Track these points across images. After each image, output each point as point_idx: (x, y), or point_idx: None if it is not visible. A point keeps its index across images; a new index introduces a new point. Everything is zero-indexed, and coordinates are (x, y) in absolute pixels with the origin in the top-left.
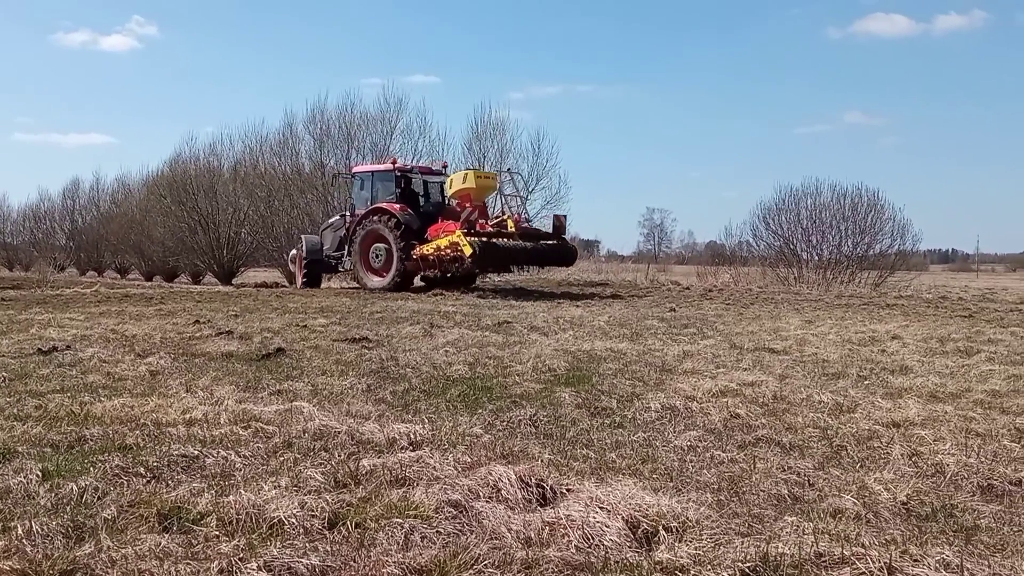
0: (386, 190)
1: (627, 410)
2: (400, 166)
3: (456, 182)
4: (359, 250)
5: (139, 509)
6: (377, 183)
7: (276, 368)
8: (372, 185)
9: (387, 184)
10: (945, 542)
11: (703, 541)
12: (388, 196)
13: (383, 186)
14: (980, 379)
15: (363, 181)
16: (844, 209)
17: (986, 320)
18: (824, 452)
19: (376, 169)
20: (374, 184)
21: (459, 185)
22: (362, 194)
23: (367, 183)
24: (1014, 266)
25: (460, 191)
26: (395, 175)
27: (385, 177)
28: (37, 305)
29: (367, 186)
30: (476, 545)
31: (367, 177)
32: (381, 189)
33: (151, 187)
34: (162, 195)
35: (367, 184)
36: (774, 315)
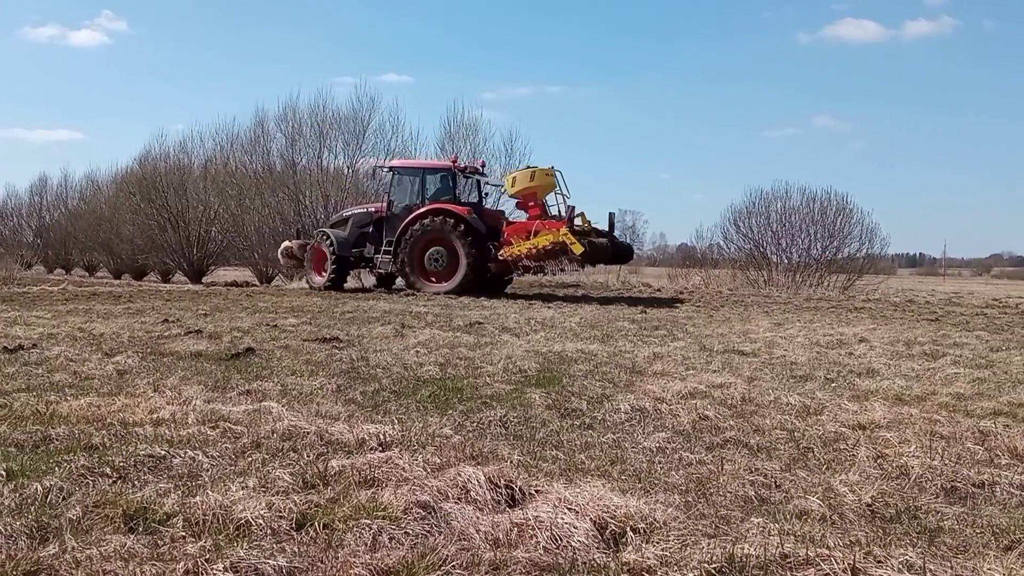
0: (442, 189)
1: (597, 411)
2: (460, 165)
3: (520, 180)
4: (411, 252)
5: (104, 509)
6: (430, 181)
7: (245, 368)
8: (423, 182)
9: (444, 183)
10: (909, 543)
11: (670, 542)
12: (444, 196)
13: (438, 185)
14: (945, 382)
15: (412, 177)
16: (813, 212)
17: (952, 324)
18: (791, 454)
19: (430, 166)
20: (425, 181)
21: (524, 183)
22: (407, 191)
23: (416, 180)
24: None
25: (525, 189)
26: (454, 174)
27: (442, 175)
28: (3, 303)
29: (416, 183)
30: (444, 546)
31: (416, 173)
32: (435, 188)
33: (120, 184)
34: (131, 192)
35: (416, 181)
36: (744, 317)
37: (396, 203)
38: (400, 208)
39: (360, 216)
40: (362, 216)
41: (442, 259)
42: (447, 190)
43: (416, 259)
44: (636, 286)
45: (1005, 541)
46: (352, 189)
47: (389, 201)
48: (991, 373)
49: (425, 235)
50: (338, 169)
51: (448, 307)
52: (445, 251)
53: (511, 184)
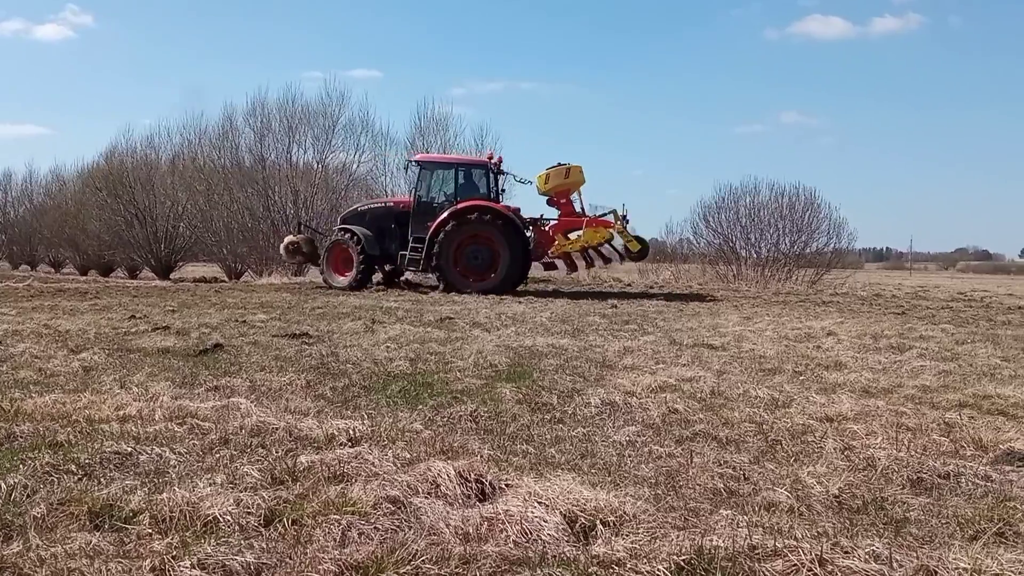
0: (477, 185)
1: (567, 406)
2: (495, 161)
3: (555, 177)
4: (446, 249)
5: (70, 507)
6: (464, 176)
7: (213, 364)
8: (456, 178)
9: (479, 179)
10: (875, 534)
11: (639, 535)
12: (477, 192)
13: (473, 180)
14: (911, 375)
15: (444, 172)
16: (782, 208)
17: (918, 317)
18: (759, 446)
19: (464, 161)
20: (458, 177)
21: (559, 180)
22: (438, 186)
23: (449, 175)
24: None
25: (559, 186)
26: (490, 170)
27: (477, 171)
28: None
29: (448, 178)
30: (414, 541)
31: (449, 168)
32: (469, 184)
33: (86, 180)
34: (98, 188)
35: (449, 176)
36: (713, 312)
37: (424, 198)
38: (429, 204)
39: (378, 211)
40: (380, 211)
41: (482, 257)
42: (481, 186)
43: (453, 255)
44: (607, 281)
45: (970, 531)
46: (322, 184)
47: (417, 196)
48: (956, 366)
49: (463, 232)
50: (308, 164)
51: (419, 303)
52: (485, 249)
53: (544, 181)
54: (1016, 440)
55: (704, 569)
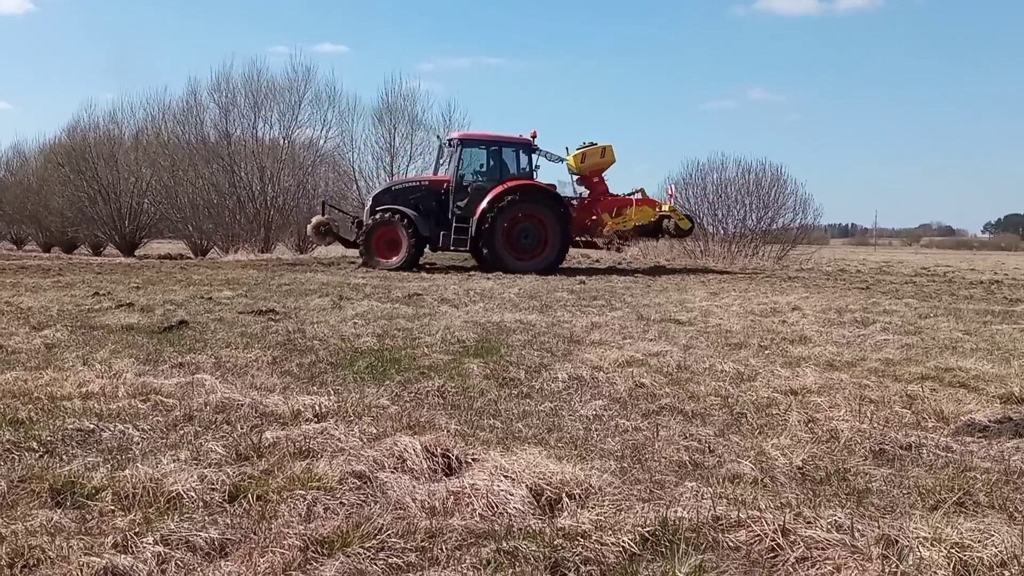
0: (520, 163)
1: (535, 381)
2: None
3: (591, 156)
4: (498, 228)
5: (31, 484)
6: (507, 155)
7: (178, 341)
8: (500, 157)
9: (521, 157)
10: (838, 504)
11: (605, 507)
12: (518, 170)
13: (516, 159)
14: (875, 348)
15: (486, 150)
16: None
17: (882, 292)
18: (725, 420)
19: (507, 139)
20: (503, 156)
21: (595, 159)
22: (480, 164)
23: (493, 153)
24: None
25: (595, 165)
26: (533, 149)
27: (521, 150)
28: None
29: (491, 157)
30: (380, 515)
31: (493, 146)
32: (511, 162)
33: (48, 155)
34: (60, 164)
35: (491, 154)
36: (681, 287)
37: (466, 177)
38: (472, 182)
39: (414, 190)
40: (417, 190)
41: (532, 235)
42: (521, 165)
43: (504, 234)
44: (575, 256)
45: (931, 501)
46: (288, 160)
47: (459, 175)
48: (919, 339)
49: (513, 211)
50: (274, 140)
51: (387, 279)
52: (534, 228)
53: (579, 160)
54: (976, 412)
55: (668, 540)
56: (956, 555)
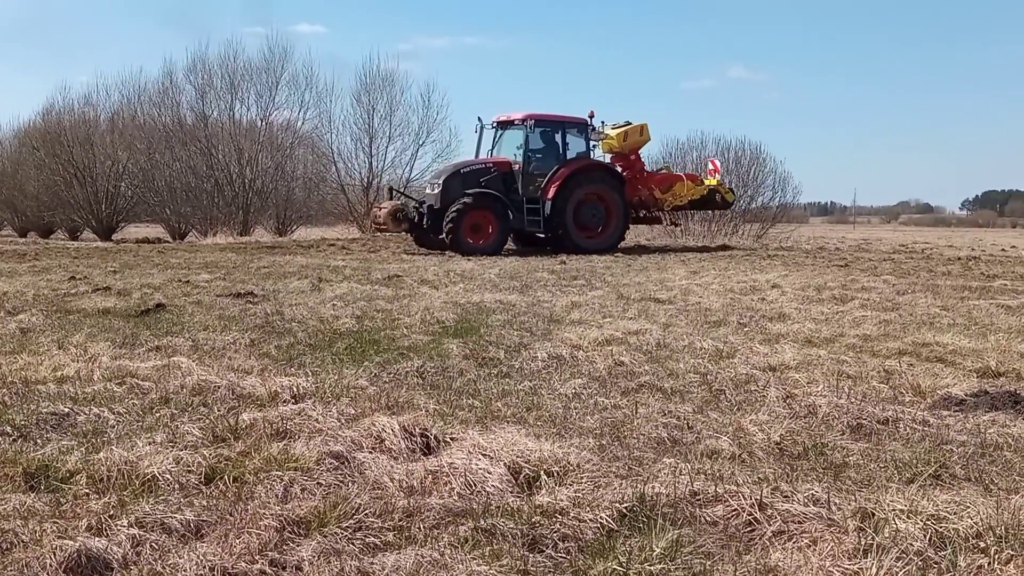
0: (578, 144)
1: (514, 360)
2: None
3: (632, 135)
4: (569, 208)
5: (4, 468)
6: (569, 136)
7: (155, 324)
8: (563, 137)
9: (579, 137)
10: (815, 479)
11: (583, 484)
12: (579, 151)
13: (574, 139)
14: (853, 324)
15: (551, 131)
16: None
17: (860, 269)
18: (703, 396)
19: (569, 120)
20: (565, 136)
21: (636, 138)
22: (545, 145)
23: (557, 134)
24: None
25: (636, 143)
26: (589, 129)
27: (580, 129)
28: None
29: (554, 137)
30: (357, 495)
31: (557, 128)
32: (572, 143)
33: (23, 139)
34: (35, 147)
35: (556, 135)
36: (660, 266)
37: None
38: (536, 164)
39: (483, 172)
40: (484, 172)
41: (597, 214)
42: (582, 144)
43: (573, 215)
44: None
45: (907, 474)
46: (267, 142)
47: (527, 156)
48: (897, 315)
49: (582, 191)
50: (251, 122)
51: (367, 261)
52: (600, 207)
53: (622, 139)
54: (953, 386)
55: (646, 515)
56: (932, 527)
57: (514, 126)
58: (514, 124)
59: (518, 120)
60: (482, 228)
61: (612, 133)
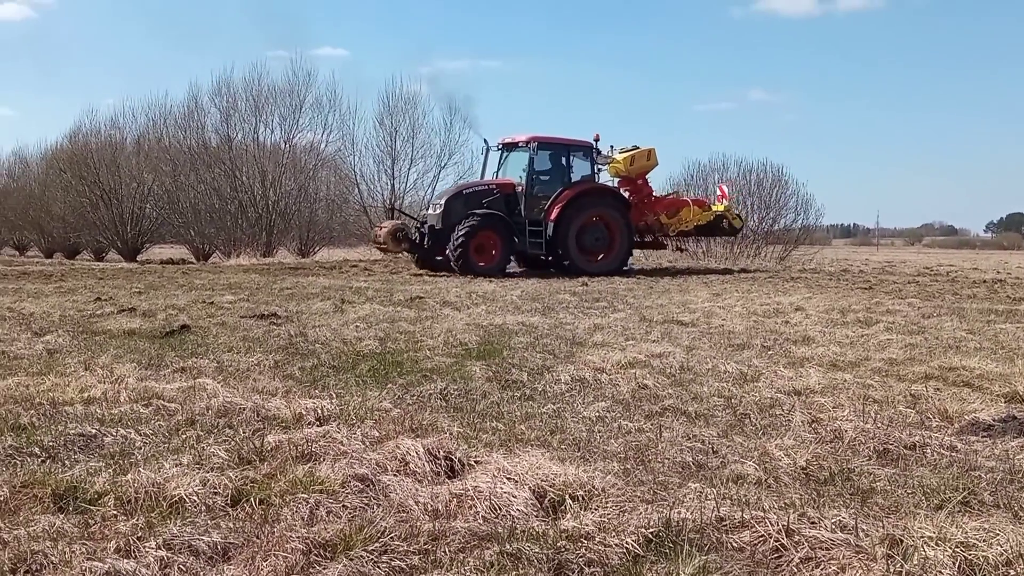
0: (582, 167)
1: (537, 383)
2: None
3: (640, 159)
4: (572, 231)
5: (33, 489)
6: (574, 158)
7: (180, 345)
8: (568, 160)
9: (584, 160)
10: (842, 504)
11: (608, 508)
12: (584, 174)
13: (579, 163)
14: (878, 348)
15: (555, 154)
16: (750, 184)
17: (885, 292)
18: (728, 420)
19: (575, 143)
20: (570, 159)
21: (643, 162)
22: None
23: (560, 157)
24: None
25: (643, 168)
26: (594, 152)
27: (584, 152)
28: None
29: (559, 160)
30: (383, 518)
31: (562, 151)
32: (576, 165)
33: (50, 161)
34: (62, 169)
35: (561, 158)
36: (683, 288)
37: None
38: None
39: (485, 193)
40: (487, 193)
41: (601, 237)
42: (587, 167)
43: (577, 238)
44: None
45: (935, 500)
46: (290, 164)
47: (530, 178)
48: (923, 339)
49: (584, 214)
50: (275, 144)
51: (388, 282)
52: (603, 229)
53: (629, 163)
54: (981, 411)
55: (672, 541)
56: (961, 554)
57: (519, 148)
58: (519, 146)
59: (522, 142)
60: (486, 249)
61: (619, 157)
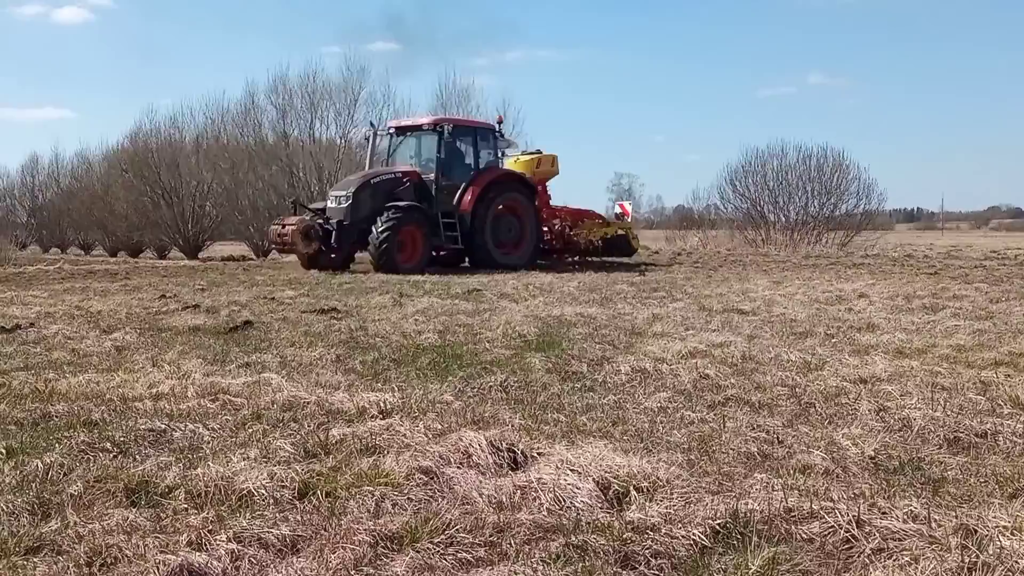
0: (491, 151)
1: (597, 374)
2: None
3: (545, 164)
4: (488, 222)
5: (106, 484)
6: (481, 142)
7: (244, 340)
8: (475, 145)
9: (488, 145)
10: (913, 494)
11: (674, 500)
12: (491, 160)
13: (486, 147)
14: (945, 334)
15: (466, 138)
16: (810, 170)
17: (951, 277)
18: (793, 410)
19: (480, 124)
20: (477, 143)
21: (547, 168)
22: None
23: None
24: (978, 223)
25: (547, 174)
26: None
27: (487, 136)
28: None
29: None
30: (447, 511)
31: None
32: (483, 151)
33: (112, 161)
34: (124, 169)
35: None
36: (742, 277)
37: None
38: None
39: (394, 182)
40: (396, 183)
41: (513, 228)
42: (493, 152)
43: (492, 228)
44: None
45: (1009, 489)
46: (346, 160)
47: (441, 164)
48: (991, 324)
49: (498, 203)
50: (331, 140)
51: (445, 275)
52: (515, 220)
53: (534, 166)
54: None
55: (740, 532)
56: None
57: (422, 131)
58: (422, 129)
59: (427, 125)
60: (406, 245)
61: (524, 160)
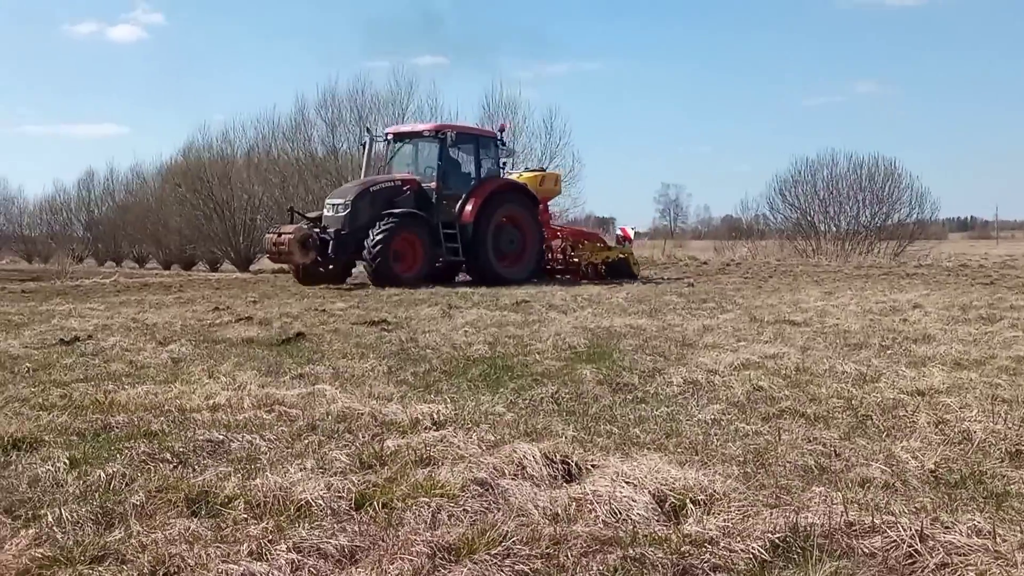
0: (492, 161)
1: (649, 385)
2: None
3: (548, 182)
4: (489, 234)
5: (167, 494)
6: (482, 150)
7: (297, 352)
8: (478, 153)
9: (491, 153)
10: (976, 508)
11: (731, 513)
12: (493, 169)
13: (489, 155)
14: (1004, 345)
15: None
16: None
17: (1007, 287)
18: (849, 422)
19: (483, 132)
20: (479, 153)
21: (550, 186)
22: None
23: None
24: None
25: (549, 192)
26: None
27: (488, 144)
28: (57, 296)
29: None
30: (503, 522)
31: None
32: (484, 159)
33: (166, 176)
34: (177, 184)
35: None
36: (793, 287)
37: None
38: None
39: (395, 191)
40: (396, 191)
41: (515, 240)
42: (494, 161)
43: (494, 240)
44: (682, 259)
45: None
46: None
47: (443, 172)
48: None
49: (500, 214)
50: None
51: (494, 287)
52: (516, 231)
53: (537, 183)
54: None
55: (800, 547)
56: None
57: (423, 138)
58: (423, 136)
59: (428, 132)
60: (404, 255)
61: (527, 176)
